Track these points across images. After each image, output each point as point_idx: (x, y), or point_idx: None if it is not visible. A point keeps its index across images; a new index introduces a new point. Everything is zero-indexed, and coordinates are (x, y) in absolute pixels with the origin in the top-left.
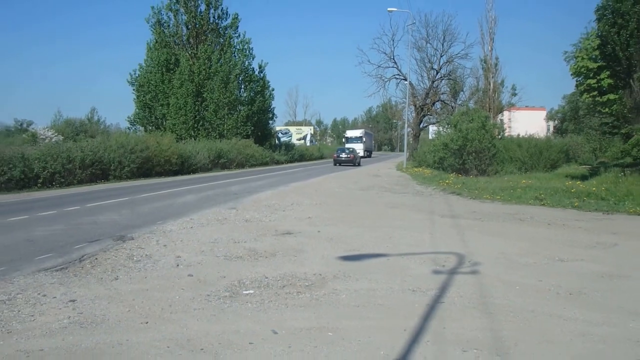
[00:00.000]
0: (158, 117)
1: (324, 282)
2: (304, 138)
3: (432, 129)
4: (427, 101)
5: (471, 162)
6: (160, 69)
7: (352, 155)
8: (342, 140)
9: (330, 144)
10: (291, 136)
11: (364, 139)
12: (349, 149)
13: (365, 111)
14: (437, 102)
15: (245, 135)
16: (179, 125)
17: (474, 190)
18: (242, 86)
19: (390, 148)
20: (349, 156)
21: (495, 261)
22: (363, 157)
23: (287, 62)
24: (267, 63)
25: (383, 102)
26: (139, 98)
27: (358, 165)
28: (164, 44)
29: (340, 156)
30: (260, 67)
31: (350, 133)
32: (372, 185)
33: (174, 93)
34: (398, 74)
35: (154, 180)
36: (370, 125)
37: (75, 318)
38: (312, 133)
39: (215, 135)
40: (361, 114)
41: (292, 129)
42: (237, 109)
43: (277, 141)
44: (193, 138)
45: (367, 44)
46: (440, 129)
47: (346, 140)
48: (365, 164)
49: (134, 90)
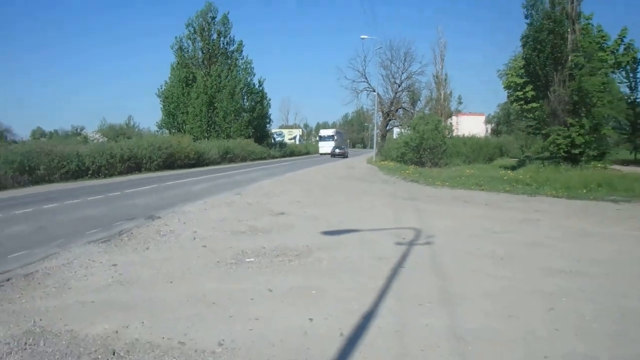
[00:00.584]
0: (179, 122)
1: (310, 252)
2: (294, 138)
3: (396, 130)
4: (391, 108)
5: (426, 156)
6: (181, 84)
7: (344, 150)
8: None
9: (314, 143)
10: (284, 137)
11: (335, 137)
12: (342, 146)
13: (343, 116)
14: (399, 109)
15: (247, 136)
16: (196, 128)
17: (429, 178)
18: (245, 97)
19: (362, 146)
20: (341, 151)
21: (445, 234)
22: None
23: (281, 76)
24: (265, 79)
25: (357, 109)
26: (165, 107)
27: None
28: (184, 65)
29: (335, 151)
30: (259, 82)
31: (323, 132)
32: (347, 175)
33: (191, 103)
34: (368, 87)
35: (176, 171)
36: (346, 128)
37: (117, 278)
38: (301, 134)
39: (223, 136)
40: (339, 118)
41: (285, 131)
42: (241, 115)
43: (272, 140)
44: (206, 138)
45: (344, 63)
46: (402, 130)
47: (319, 138)
48: (342, 159)
49: (161, 101)
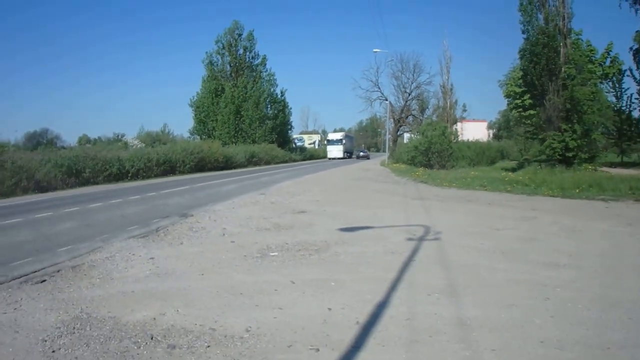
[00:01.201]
0: (209, 129)
1: (328, 247)
2: (314, 143)
3: (406, 135)
4: (402, 115)
5: (434, 159)
6: (211, 95)
7: (367, 153)
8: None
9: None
10: (304, 141)
11: (343, 141)
12: (364, 150)
13: (358, 122)
14: (409, 116)
15: (271, 141)
16: (224, 134)
17: (437, 179)
18: (269, 106)
19: (376, 150)
20: (365, 154)
21: (452, 231)
22: (342, 157)
23: (301, 87)
24: (287, 89)
25: (370, 116)
26: (196, 116)
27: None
28: (213, 77)
29: (359, 154)
30: (281, 92)
31: (331, 136)
32: (362, 177)
33: (220, 112)
34: (381, 96)
35: (206, 173)
36: (361, 133)
37: (154, 270)
38: (319, 139)
39: (249, 141)
40: (354, 125)
41: (305, 137)
42: (265, 123)
43: (294, 145)
44: (234, 143)
45: (359, 74)
46: (412, 136)
47: (328, 142)
48: (357, 162)
49: (192, 110)
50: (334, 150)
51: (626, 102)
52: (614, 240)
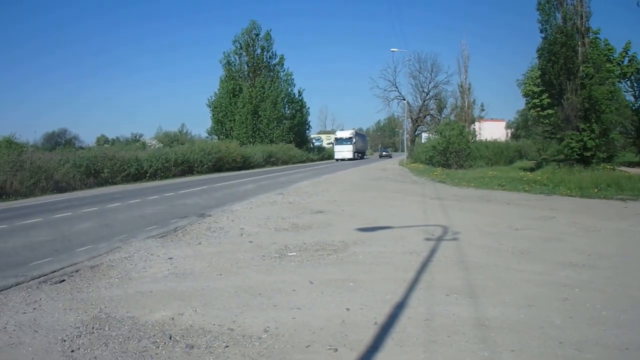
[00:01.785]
0: (227, 129)
1: (346, 247)
2: (332, 143)
3: (424, 135)
4: (420, 115)
5: (452, 159)
6: (228, 95)
7: (389, 153)
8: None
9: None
10: (322, 141)
11: (354, 139)
12: (387, 150)
13: (376, 122)
14: (427, 116)
15: (288, 141)
16: (242, 134)
17: (455, 179)
18: (286, 106)
19: (394, 149)
20: (387, 154)
21: (470, 231)
22: (352, 159)
23: (319, 87)
24: (304, 89)
25: (388, 115)
26: (214, 116)
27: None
28: (231, 77)
29: (382, 153)
30: (299, 92)
31: (339, 134)
32: (380, 176)
33: (238, 112)
34: (399, 96)
35: (224, 173)
36: (379, 133)
37: (172, 270)
38: None
39: (267, 141)
40: (372, 125)
41: (323, 136)
42: (283, 123)
43: (311, 145)
44: (251, 143)
45: (376, 73)
46: (430, 135)
47: (335, 141)
48: (374, 161)
49: (210, 110)
50: (343, 151)
51: None
52: (633, 240)
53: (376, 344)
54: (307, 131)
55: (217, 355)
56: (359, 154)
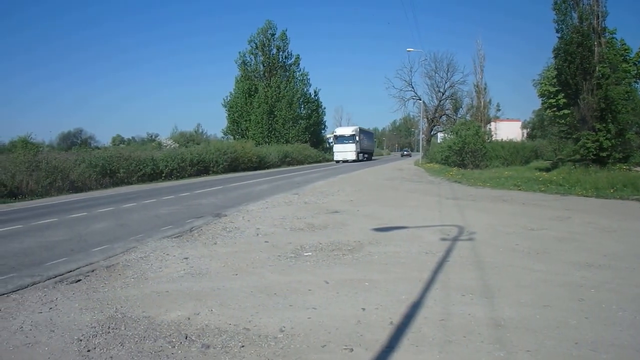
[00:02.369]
0: (243, 129)
1: (362, 247)
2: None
3: (439, 135)
4: (435, 115)
5: (468, 159)
6: (244, 95)
7: (409, 152)
8: (378, 146)
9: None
10: None
11: (357, 138)
12: (406, 149)
13: (391, 122)
14: (443, 115)
15: (304, 141)
16: (257, 134)
17: (471, 179)
18: (302, 106)
19: (409, 149)
20: (407, 153)
21: (486, 231)
22: (356, 160)
23: (335, 86)
24: (320, 89)
25: (404, 116)
26: (230, 116)
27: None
28: (246, 77)
29: (403, 153)
30: (315, 92)
31: (340, 131)
32: (396, 176)
33: (253, 112)
34: (414, 96)
35: (239, 173)
36: (394, 133)
37: (188, 270)
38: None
39: (282, 141)
40: (388, 124)
41: None
42: (298, 123)
43: (327, 145)
44: (267, 143)
45: (392, 73)
46: (446, 135)
47: (335, 139)
48: (390, 161)
49: (226, 110)
50: (344, 151)
51: None
52: None
53: (392, 344)
54: (323, 131)
55: (233, 355)
56: (365, 155)
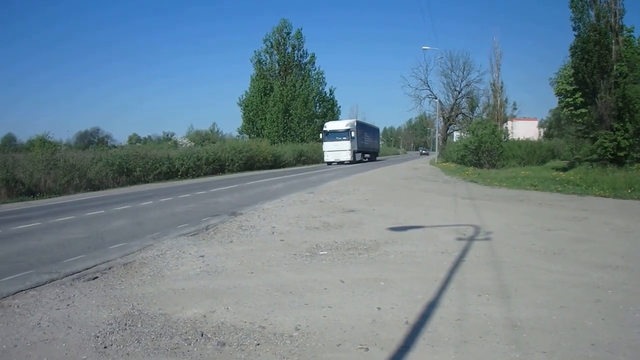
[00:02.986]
0: (258, 128)
1: (378, 246)
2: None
3: (456, 134)
4: (451, 114)
5: (484, 158)
6: (259, 94)
7: (427, 151)
8: (390, 144)
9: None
10: None
11: (352, 133)
12: (424, 148)
13: (407, 121)
14: (459, 114)
15: (319, 140)
16: (273, 133)
17: (487, 179)
18: (317, 105)
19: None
20: (425, 152)
21: (502, 231)
22: (353, 161)
23: (351, 84)
24: (336, 88)
25: (419, 114)
26: (245, 115)
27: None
28: (262, 76)
29: (421, 151)
30: (330, 90)
31: (330, 125)
32: (411, 176)
33: (269, 111)
34: (430, 94)
35: (255, 172)
36: (410, 132)
37: (204, 268)
38: None
39: (298, 140)
40: (404, 123)
41: None
42: (314, 121)
43: None
44: (282, 142)
45: (408, 72)
46: (462, 134)
47: (325, 135)
48: (405, 160)
49: (241, 109)
50: (336, 150)
51: None
52: None
53: (407, 344)
54: None
55: (248, 353)
56: (366, 155)
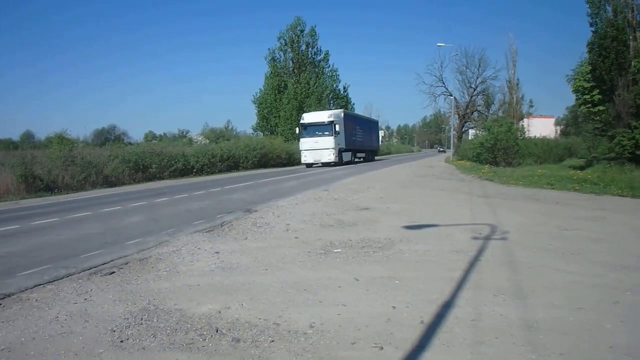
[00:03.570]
0: (272, 125)
1: (392, 244)
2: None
3: (471, 131)
4: (467, 111)
5: (500, 156)
6: (273, 91)
7: (444, 149)
8: (404, 141)
9: (395, 143)
10: None
11: (336, 127)
12: (441, 146)
13: (422, 118)
14: (474, 112)
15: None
16: (287, 130)
17: (503, 177)
18: (332, 102)
19: (441, 145)
20: (442, 149)
21: (518, 230)
22: (339, 163)
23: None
24: (350, 85)
25: (434, 112)
26: (259, 112)
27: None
28: (276, 74)
29: (439, 149)
30: (344, 88)
31: (308, 117)
32: (426, 174)
33: (283, 108)
34: (445, 91)
35: (269, 169)
36: (425, 129)
37: (219, 264)
38: (383, 135)
39: None
40: (418, 121)
41: None
42: None
43: None
44: (296, 139)
45: (422, 69)
46: (477, 132)
47: (304, 129)
48: (420, 158)
49: (255, 106)
50: (316, 149)
51: None
52: None
53: (422, 343)
54: None
55: (262, 350)
56: (358, 154)
